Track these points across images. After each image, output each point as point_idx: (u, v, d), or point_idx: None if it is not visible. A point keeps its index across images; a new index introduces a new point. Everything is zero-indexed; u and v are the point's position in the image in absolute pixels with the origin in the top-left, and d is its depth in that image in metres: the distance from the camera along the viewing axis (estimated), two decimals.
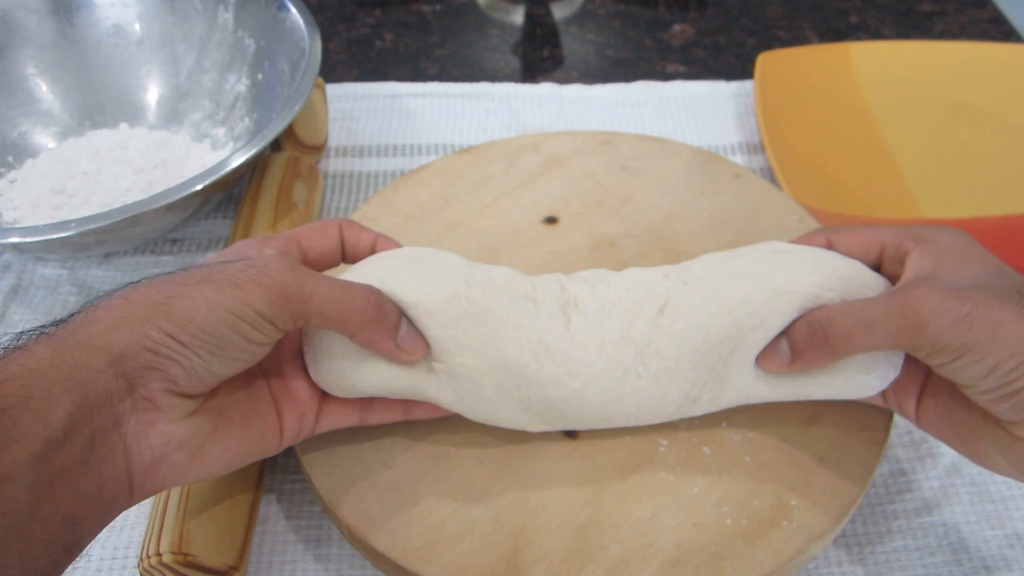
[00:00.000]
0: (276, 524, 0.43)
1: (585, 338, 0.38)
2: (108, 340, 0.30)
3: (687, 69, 0.73)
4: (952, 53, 0.70)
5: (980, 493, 0.44)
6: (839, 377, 0.38)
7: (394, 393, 0.39)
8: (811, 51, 0.71)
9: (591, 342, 0.38)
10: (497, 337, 0.37)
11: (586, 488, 0.39)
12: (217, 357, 0.32)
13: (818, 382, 0.38)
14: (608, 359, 0.38)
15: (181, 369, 0.31)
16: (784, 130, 0.63)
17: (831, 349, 0.35)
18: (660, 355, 0.38)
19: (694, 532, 0.38)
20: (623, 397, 0.38)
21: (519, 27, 0.79)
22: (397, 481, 0.40)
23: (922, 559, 0.42)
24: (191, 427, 0.32)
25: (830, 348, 0.35)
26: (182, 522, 0.38)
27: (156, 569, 0.38)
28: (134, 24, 0.63)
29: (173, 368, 0.31)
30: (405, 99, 0.68)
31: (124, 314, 0.31)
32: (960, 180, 0.61)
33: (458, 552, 0.37)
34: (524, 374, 0.37)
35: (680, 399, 0.39)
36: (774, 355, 0.37)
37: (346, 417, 0.39)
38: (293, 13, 0.58)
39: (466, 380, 0.38)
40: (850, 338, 0.35)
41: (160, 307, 0.31)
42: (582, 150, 0.56)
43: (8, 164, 0.59)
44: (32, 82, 0.61)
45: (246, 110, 0.61)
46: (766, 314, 0.37)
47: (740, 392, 0.39)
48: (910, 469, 0.45)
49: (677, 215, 0.52)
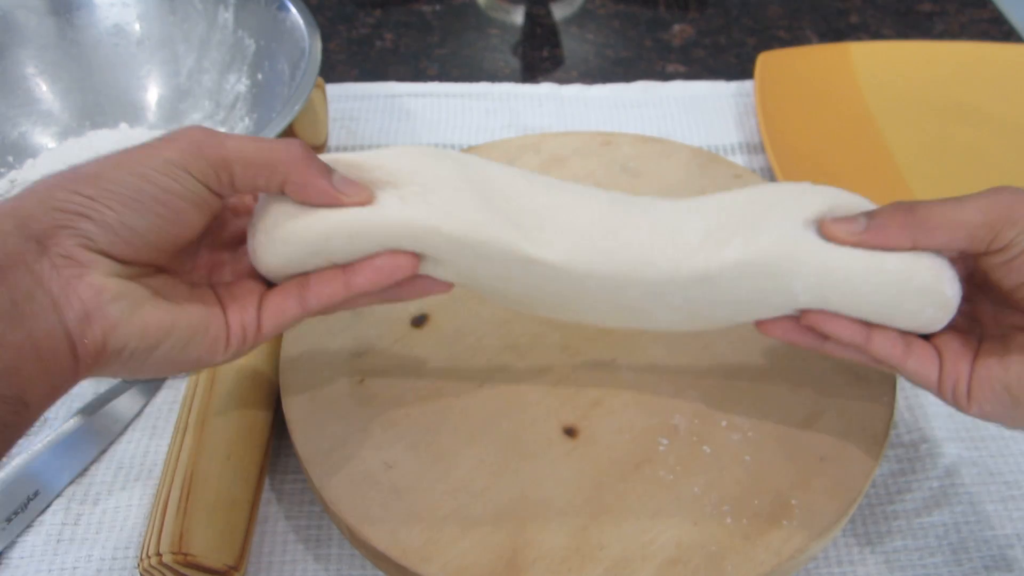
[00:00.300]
0: (276, 524, 0.43)
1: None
2: (14, 206, 0.30)
3: (687, 69, 0.73)
4: (952, 53, 0.70)
5: (980, 493, 0.44)
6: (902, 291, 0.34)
7: (344, 252, 0.34)
8: (811, 51, 0.71)
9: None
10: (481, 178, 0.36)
11: (586, 487, 0.39)
12: (132, 210, 0.31)
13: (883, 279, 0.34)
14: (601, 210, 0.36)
15: (93, 224, 0.31)
16: (784, 130, 0.63)
17: (915, 224, 0.33)
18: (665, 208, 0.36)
19: (694, 531, 0.38)
20: (622, 228, 0.35)
21: (519, 27, 0.79)
22: (397, 481, 0.40)
23: (922, 559, 0.42)
24: (124, 285, 0.32)
25: (915, 222, 0.33)
26: (182, 522, 0.38)
27: (156, 569, 0.38)
28: (134, 24, 0.63)
29: (83, 224, 0.31)
30: (405, 99, 0.68)
31: (33, 187, 0.31)
32: (960, 180, 0.61)
33: (458, 551, 0.37)
34: (508, 197, 0.35)
35: (703, 236, 0.35)
36: (848, 221, 0.34)
37: (285, 304, 0.36)
38: (293, 13, 0.58)
39: (442, 188, 0.34)
40: (938, 216, 0.33)
41: (67, 174, 0.31)
42: (582, 150, 0.56)
43: (8, 164, 0.59)
44: (32, 82, 0.61)
45: (246, 110, 0.61)
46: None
47: (785, 243, 0.33)
48: (910, 469, 0.45)
49: None
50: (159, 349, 0.33)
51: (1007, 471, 0.45)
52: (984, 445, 0.46)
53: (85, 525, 0.43)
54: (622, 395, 0.43)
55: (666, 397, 0.42)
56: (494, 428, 0.42)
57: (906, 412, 0.47)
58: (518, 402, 0.43)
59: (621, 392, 0.43)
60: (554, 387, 0.43)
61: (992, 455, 0.46)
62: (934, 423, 0.47)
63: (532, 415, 0.42)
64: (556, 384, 0.43)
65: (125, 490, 0.44)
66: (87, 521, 0.43)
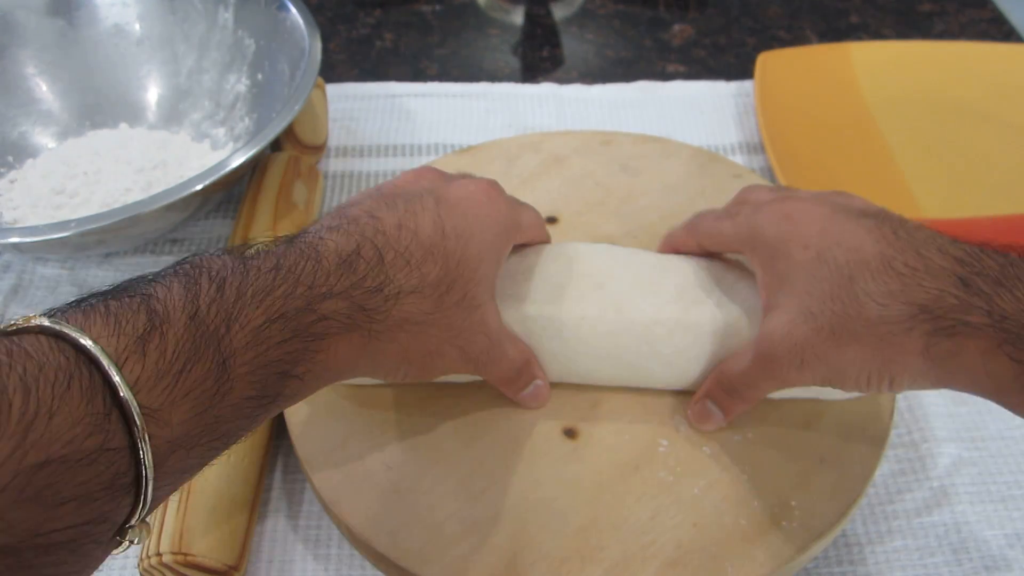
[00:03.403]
0: (276, 524, 0.43)
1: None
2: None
3: (687, 69, 0.73)
4: (952, 53, 0.70)
5: (980, 493, 0.44)
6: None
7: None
8: (811, 51, 0.71)
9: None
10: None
11: (586, 488, 0.39)
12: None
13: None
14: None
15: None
16: (784, 130, 0.63)
17: (745, 400, 0.39)
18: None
19: (694, 532, 0.38)
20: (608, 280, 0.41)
21: (519, 27, 0.79)
22: (397, 481, 0.40)
23: (922, 559, 0.42)
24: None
25: (743, 400, 0.39)
26: (182, 522, 0.38)
27: (156, 569, 0.38)
28: (134, 24, 0.63)
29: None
30: (405, 99, 0.68)
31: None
32: (960, 180, 0.61)
33: (458, 552, 0.37)
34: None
35: (680, 290, 0.41)
36: (707, 418, 0.40)
37: None
38: (293, 13, 0.58)
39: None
40: (748, 388, 0.38)
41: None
42: (582, 150, 0.56)
43: (8, 164, 0.59)
44: (32, 82, 0.61)
45: (246, 110, 0.61)
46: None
47: (752, 314, 0.40)
48: (910, 469, 0.45)
49: (677, 215, 0.52)
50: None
51: (1007, 471, 0.45)
52: (984, 445, 0.46)
53: None
54: (622, 396, 0.43)
55: (666, 398, 0.42)
56: (494, 429, 0.42)
57: (906, 412, 0.47)
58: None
59: (621, 393, 0.43)
60: (554, 388, 0.43)
61: (992, 455, 0.46)
62: (934, 423, 0.47)
63: (532, 416, 0.42)
64: (556, 385, 0.43)
65: None
66: None
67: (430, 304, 0.34)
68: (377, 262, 0.32)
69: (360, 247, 0.32)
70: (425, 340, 0.34)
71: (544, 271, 0.42)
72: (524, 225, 0.41)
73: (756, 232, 0.38)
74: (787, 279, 0.36)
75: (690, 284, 0.41)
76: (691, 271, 0.42)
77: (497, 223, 0.37)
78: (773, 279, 0.37)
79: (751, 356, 0.37)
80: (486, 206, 0.37)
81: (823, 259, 0.34)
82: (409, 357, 0.34)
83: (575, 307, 0.41)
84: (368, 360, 0.33)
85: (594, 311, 0.40)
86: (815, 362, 0.35)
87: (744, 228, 0.39)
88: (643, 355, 0.41)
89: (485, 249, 0.36)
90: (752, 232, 0.38)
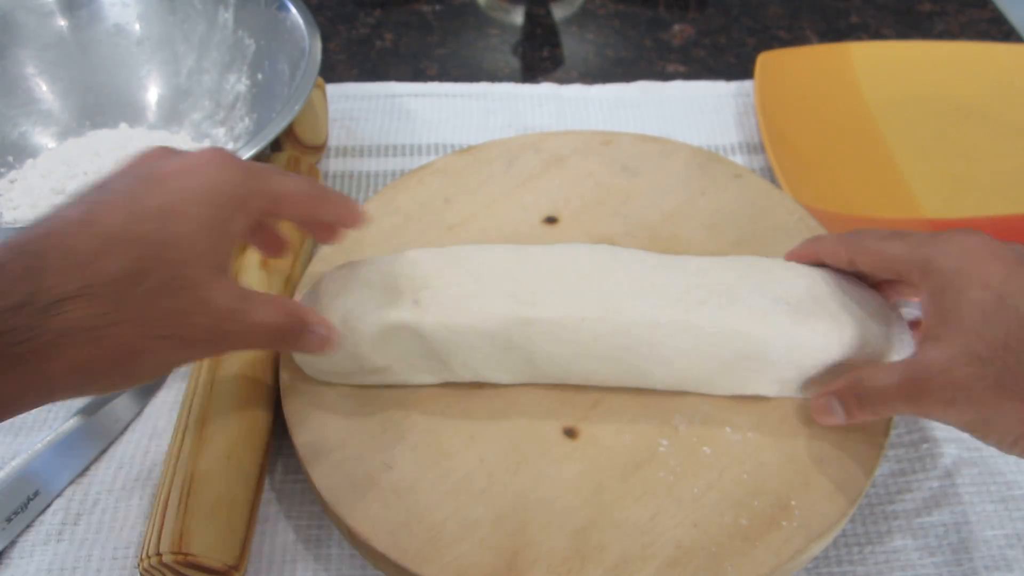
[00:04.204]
0: (276, 524, 0.43)
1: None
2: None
3: (687, 69, 0.73)
4: (952, 53, 0.70)
5: (980, 493, 0.44)
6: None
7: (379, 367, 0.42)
8: (811, 51, 0.71)
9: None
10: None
11: (586, 488, 0.39)
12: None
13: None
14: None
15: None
16: (784, 130, 0.63)
17: (875, 413, 0.38)
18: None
19: (694, 532, 0.38)
20: (605, 281, 0.42)
21: (519, 27, 0.79)
22: (397, 481, 0.40)
23: (922, 559, 0.42)
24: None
25: (873, 412, 0.38)
26: (182, 522, 0.38)
27: (156, 569, 0.38)
28: (134, 24, 0.63)
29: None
30: (405, 99, 0.68)
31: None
32: (960, 180, 0.61)
33: (458, 552, 0.37)
34: (498, 275, 0.42)
35: (682, 291, 0.41)
36: (828, 414, 0.40)
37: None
38: (293, 13, 0.58)
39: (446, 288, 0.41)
40: (883, 404, 0.38)
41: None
42: (582, 150, 0.56)
43: (8, 164, 0.59)
44: (32, 82, 0.61)
45: (246, 110, 0.61)
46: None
47: (755, 315, 0.40)
48: (910, 469, 0.45)
49: (677, 215, 0.52)
50: None
51: (1007, 471, 0.45)
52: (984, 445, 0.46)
53: (85, 525, 0.43)
54: (622, 396, 0.43)
55: (666, 398, 0.42)
56: (494, 429, 0.42)
57: None
58: (518, 403, 0.43)
59: (621, 393, 0.43)
60: (554, 388, 0.43)
61: (992, 455, 0.46)
62: (934, 423, 0.47)
63: (532, 416, 0.42)
64: (556, 385, 0.43)
65: (125, 490, 0.44)
66: (87, 521, 0.43)
67: (107, 304, 0.30)
68: (24, 273, 0.29)
69: (4, 259, 0.29)
70: (112, 343, 0.31)
71: (544, 271, 0.42)
72: (276, 193, 0.37)
73: (931, 258, 0.37)
74: (955, 314, 0.35)
75: (693, 286, 0.42)
76: (694, 270, 0.43)
77: (221, 193, 0.34)
78: (939, 310, 0.36)
79: (898, 377, 0.36)
80: (204, 176, 0.34)
81: (1004, 305, 0.34)
82: (94, 368, 0.31)
83: (575, 308, 0.41)
84: (33, 391, 0.30)
85: (594, 312, 0.40)
86: (966, 406, 0.34)
87: (917, 252, 0.38)
88: (643, 356, 0.41)
89: (201, 224, 0.33)
90: (927, 257, 0.37)
